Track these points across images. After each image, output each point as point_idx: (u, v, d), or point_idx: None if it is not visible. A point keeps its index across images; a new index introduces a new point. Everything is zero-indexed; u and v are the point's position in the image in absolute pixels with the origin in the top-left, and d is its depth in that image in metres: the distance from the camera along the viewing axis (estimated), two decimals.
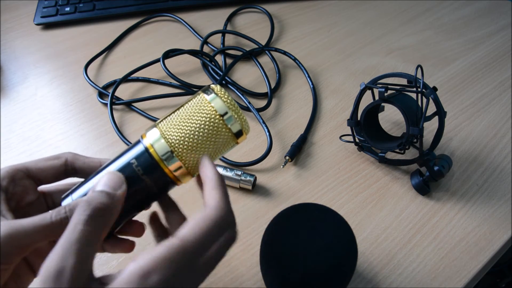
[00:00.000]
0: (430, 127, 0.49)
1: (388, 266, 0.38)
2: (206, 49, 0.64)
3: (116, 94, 0.56)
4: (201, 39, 0.64)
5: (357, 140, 0.46)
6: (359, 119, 0.44)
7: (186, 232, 0.25)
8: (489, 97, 0.54)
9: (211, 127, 0.28)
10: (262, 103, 0.54)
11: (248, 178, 0.44)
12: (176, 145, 0.28)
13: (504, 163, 0.46)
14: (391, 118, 0.52)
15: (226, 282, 0.38)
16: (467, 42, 0.63)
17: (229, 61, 0.61)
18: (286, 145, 0.49)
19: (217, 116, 0.28)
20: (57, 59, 0.64)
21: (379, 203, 0.43)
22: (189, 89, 0.56)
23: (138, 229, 0.32)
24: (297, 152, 0.47)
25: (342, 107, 0.54)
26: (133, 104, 0.55)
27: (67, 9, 0.71)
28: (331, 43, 0.64)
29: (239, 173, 0.44)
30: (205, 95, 0.29)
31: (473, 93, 0.55)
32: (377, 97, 0.41)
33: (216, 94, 0.29)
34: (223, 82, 0.56)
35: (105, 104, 0.55)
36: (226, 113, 0.28)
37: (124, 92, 0.57)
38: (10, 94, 0.58)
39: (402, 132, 0.49)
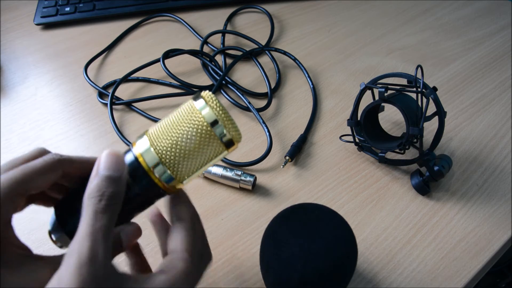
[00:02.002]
0: (430, 127, 0.49)
1: (388, 266, 0.38)
2: (206, 49, 0.64)
3: (116, 94, 0.56)
4: (201, 39, 0.64)
5: (357, 140, 0.46)
6: (359, 119, 0.44)
7: None
8: (489, 97, 0.54)
9: (200, 137, 0.27)
10: (262, 103, 0.54)
11: (248, 178, 0.44)
12: (165, 154, 0.28)
13: (504, 163, 0.46)
14: (391, 118, 0.52)
15: (226, 282, 0.38)
16: (467, 42, 0.63)
17: (229, 61, 0.61)
18: (286, 145, 0.49)
19: (207, 125, 0.27)
20: (57, 59, 0.64)
21: (379, 203, 0.43)
22: (189, 89, 0.56)
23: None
24: (297, 152, 0.47)
25: (342, 107, 0.54)
26: (133, 104, 0.55)
27: (67, 9, 0.71)
28: (331, 43, 0.64)
29: (239, 173, 0.44)
30: (194, 103, 0.28)
31: (473, 93, 0.55)
32: (377, 97, 0.41)
33: (206, 102, 0.28)
34: (223, 82, 0.56)
35: (105, 104, 0.55)
36: (215, 122, 0.27)
37: (124, 92, 0.57)
38: (10, 94, 0.58)
39: (402, 132, 0.49)
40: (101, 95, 0.57)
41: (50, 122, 0.54)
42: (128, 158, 0.28)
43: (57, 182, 0.30)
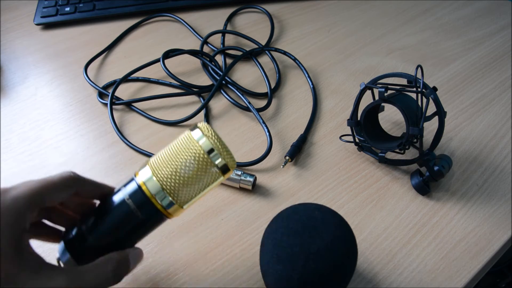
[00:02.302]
0: (430, 127, 0.49)
1: (388, 266, 0.38)
2: (206, 49, 0.64)
3: (116, 94, 0.56)
4: (201, 39, 0.64)
5: (357, 140, 0.46)
6: (359, 119, 0.44)
7: None
8: (489, 97, 0.54)
9: (198, 164, 0.30)
10: (262, 103, 0.54)
11: (248, 178, 0.44)
12: (166, 182, 0.30)
13: (504, 163, 0.46)
14: (391, 118, 0.52)
15: (226, 282, 0.38)
16: (467, 42, 0.63)
17: (229, 61, 0.61)
18: (286, 145, 0.49)
19: (203, 153, 0.30)
20: (57, 59, 0.64)
21: (379, 203, 0.43)
22: (189, 89, 0.56)
23: None
24: (297, 152, 0.47)
25: (342, 107, 0.54)
26: (133, 104, 0.55)
27: (67, 9, 0.71)
28: (331, 43, 0.64)
29: (239, 173, 0.44)
30: (191, 133, 0.31)
31: (473, 93, 0.55)
32: (377, 97, 0.41)
33: (203, 132, 0.31)
34: (223, 82, 0.56)
35: (105, 104, 0.55)
36: (211, 150, 0.30)
37: (124, 92, 0.57)
38: (10, 94, 0.58)
39: (402, 132, 0.49)
40: (101, 95, 0.57)
41: (50, 122, 0.54)
42: (132, 186, 0.31)
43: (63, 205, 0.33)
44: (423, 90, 0.39)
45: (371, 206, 0.43)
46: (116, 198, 0.31)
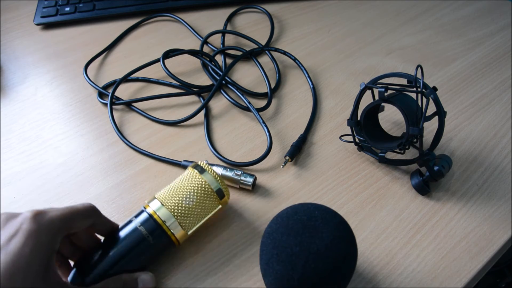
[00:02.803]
0: (430, 127, 0.49)
1: (388, 266, 0.38)
2: (206, 49, 0.64)
3: (116, 94, 0.56)
4: (201, 39, 0.64)
5: (357, 140, 0.46)
6: (359, 119, 0.44)
7: None
8: (489, 97, 0.54)
9: (201, 192, 0.37)
10: (262, 103, 0.54)
11: (248, 178, 0.44)
12: (174, 209, 0.36)
13: (504, 163, 0.46)
14: (391, 118, 0.52)
15: (226, 282, 0.38)
16: (467, 42, 0.63)
17: (229, 61, 0.61)
18: (286, 145, 0.49)
19: (205, 183, 0.37)
20: (57, 59, 0.64)
21: (379, 203, 0.43)
22: (189, 89, 0.56)
23: None
24: (297, 152, 0.47)
25: (342, 107, 0.54)
26: (133, 104, 0.55)
27: (67, 9, 0.71)
28: (331, 43, 0.64)
29: (239, 173, 0.44)
30: (195, 170, 0.38)
31: (473, 93, 0.55)
32: (377, 97, 0.41)
33: (204, 168, 0.38)
34: (223, 82, 0.56)
35: (105, 104, 0.55)
36: (212, 181, 0.38)
37: (124, 92, 0.57)
38: (10, 94, 0.58)
39: (402, 132, 0.49)
40: (101, 95, 0.57)
41: (50, 122, 0.54)
42: (143, 216, 0.36)
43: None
44: (423, 90, 0.39)
45: (371, 206, 0.43)
46: (128, 227, 0.36)
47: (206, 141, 0.50)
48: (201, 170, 0.38)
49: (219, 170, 0.44)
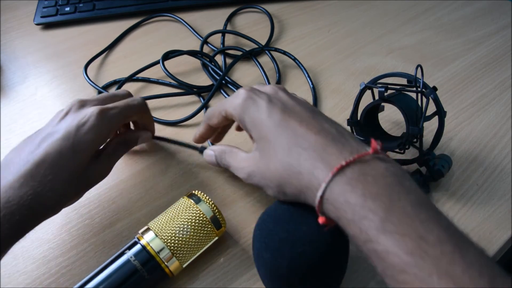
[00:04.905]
0: (430, 127, 0.49)
1: None
2: (206, 49, 0.64)
3: None
4: (201, 39, 0.64)
5: None
6: (359, 119, 0.44)
7: None
8: (489, 97, 0.54)
9: (197, 222, 0.36)
10: None
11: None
12: (168, 240, 0.35)
13: (504, 163, 0.46)
14: (391, 118, 0.52)
15: (225, 282, 0.38)
16: (467, 42, 0.63)
17: (229, 61, 0.61)
18: None
19: (200, 212, 0.36)
20: (57, 59, 0.64)
21: None
22: (189, 89, 0.56)
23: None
24: None
25: (342, 107, 0.54)
26: None
27: (67, 9, 0.71)
28: (331, 43, 0.64)
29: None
30: (191, 200, 0.37)
31: (473, 93, 0.55)
32: (377, 97, 0.41)
33: (200, 197, 0.37)
34: (223, 82, 0.56)
35: None
36: (208, 211, 0.36)
37: None
38: (10, 94, 0.58)
39: (402, 132, 0.49)
40: None
41: None
42: (137, 248, 0.35)
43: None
44: (423, 89, 0.39)
45: None
46: (120, 260, 0.34)
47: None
48: (197, 200, 0.37)
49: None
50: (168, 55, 0.59)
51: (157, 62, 0.58)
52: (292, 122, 0.32)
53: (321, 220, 0.29)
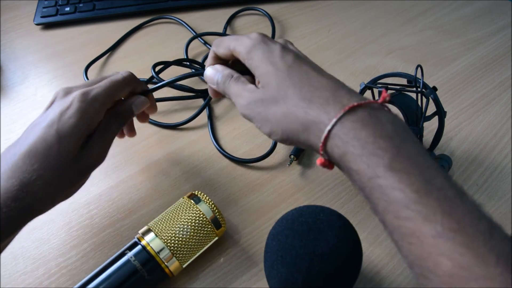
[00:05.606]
0: (430, 127, 0.49)
1: (388, 266, 0.38)
2: (201, 48, 0.64)
3: None
4: (201, 41, 0.64)
5: None
6: None
7: None
8: (489, 97, 0.54)
9: (197, 223, 0.36)
10: None
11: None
12: (168, 240, 0.35)
13: (504, 163, 0.46)
14: None
15: (226, 281, 0.38)
16: (467, 42, 0.63)
17: None
18: (286, 145, 0.49)
19: (201, 212, 0.36)
20: (57, 59, 0.64)
21: None
22: (189, 91, 0.56)
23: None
24: (301, 151, 0.47)
25: None
26: None
27: (67, 9, 0.71)
28: (331, 43, 0.64)
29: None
30: (191, 200, 0.37)
31: (473, 93, 0.55)
32: (377, 97, 0.41)
33: (200, 198, 0.37)
34: None
35: None
36: (208, 212, 0.37)
37: None
38: (10, 94, 0.58)
39: None
40: None
41: None
42: (137, 248, 0.35)
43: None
44: (423, 90, 0.39)
45: None
46: (121, 260, 0.35)
47: (211, 138, 0.50)
48: (197, 200, 0.37)
49: None
50: (155, 68, 0.55)
51: (152, 78, 0.55)
52: (305, 67, 0.32)
53: (319, 161, 0.29)
